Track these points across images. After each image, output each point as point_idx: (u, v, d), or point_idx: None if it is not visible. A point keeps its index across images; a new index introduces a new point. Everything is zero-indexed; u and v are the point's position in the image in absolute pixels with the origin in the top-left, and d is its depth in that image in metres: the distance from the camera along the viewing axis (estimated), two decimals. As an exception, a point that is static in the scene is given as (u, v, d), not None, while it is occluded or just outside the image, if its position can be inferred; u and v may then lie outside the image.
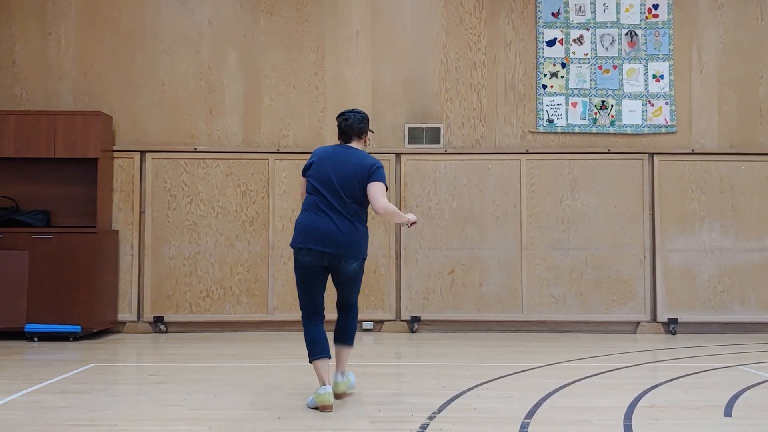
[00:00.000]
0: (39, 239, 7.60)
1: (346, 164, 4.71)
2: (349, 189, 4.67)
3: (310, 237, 4.63)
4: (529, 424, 4.26)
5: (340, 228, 4.62)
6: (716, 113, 8.49)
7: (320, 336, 4.71)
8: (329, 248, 4.60)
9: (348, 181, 4.67)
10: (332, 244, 4.61)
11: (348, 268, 4.70)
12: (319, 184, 4.70)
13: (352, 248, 4.65)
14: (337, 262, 4.66)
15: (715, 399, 4.90)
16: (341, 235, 4.62)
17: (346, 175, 4.67)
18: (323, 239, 4.61)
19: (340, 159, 4.74)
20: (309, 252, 4.63)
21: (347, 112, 4.91)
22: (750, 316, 8.25)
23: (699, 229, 8.34)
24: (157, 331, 8.16)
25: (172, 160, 8.31)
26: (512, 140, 8.49)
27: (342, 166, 4.70)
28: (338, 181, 4.66)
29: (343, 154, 4.78)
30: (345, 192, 4.66)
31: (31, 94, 8.34)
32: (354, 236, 4.66)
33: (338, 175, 4.68)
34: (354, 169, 4.68)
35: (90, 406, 4.66)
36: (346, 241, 4.63)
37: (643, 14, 8.51)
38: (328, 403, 4.53)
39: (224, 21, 8.48)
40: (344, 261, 4.66)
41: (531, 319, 8.27)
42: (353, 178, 4.67)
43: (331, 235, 4.61)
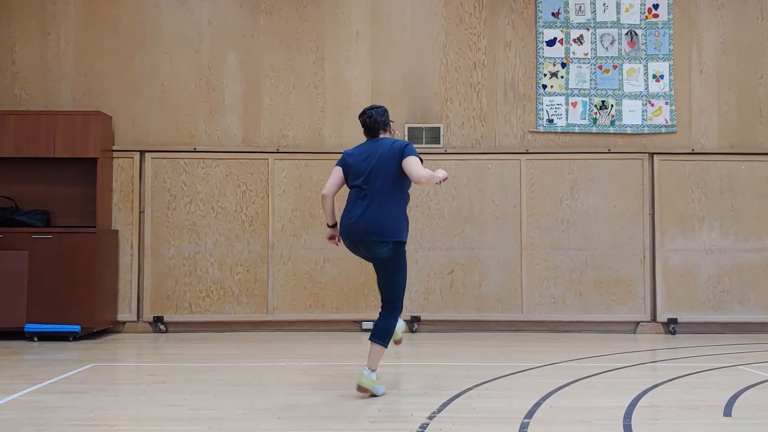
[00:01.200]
0: (39, 239, 7.60)
1: (379, 151, 4.94)
2: (386, 173, 4.86)
3: (346, 228, 4.92)
4: (528, 424, 4.26)
5: (368, 213, 4.82)
6: (716, 113, 8.49)
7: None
8: (358, 236, 4.84)
9: (384, 166, 4.87)
10: (361, 231, 4.82)
11: (379, 252, 4.84)
12: (356, 177, 4.95)
13: (379, 232, 4.79)
14: (369, 248, 4.86)
15: (715, 399, 4.90)
16: (368, 219, 4.81)
17: (381, 159, 4.89)
18: (357, 227, 4.84)
19: (374, 149, 4.98)
20: (347, 241, 4.95)
21: (368, 110, 5.14)
22: (750, 316, 8.25)
23: (699, 229, 8.34)
24: (156, 331, 8.16)
25: (171, 160, 8.31)
26: (512, 140, 8.49)
27: (375, 154, 4.93)
28: (374, 168, 4.88)
29: (375, 144, 5.02)
30: (383, 177, 4.86)
31: (30, 94, 8.34)
32: (381, 218, 4.80)
33: (374, 163, 4.90)
34: (388, 153, 4.90)
35: (90, 406, 4.66)
36: (373, 225, 4.80)
37: (643, 14, 8.51)
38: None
39: (224, 21, 8.48)
40: (372, 246, 4.83)
41: (531, 319, 8.27)
42: (388, 161, 4.87)
43: (360, 221, 4.83)
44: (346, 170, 5.05)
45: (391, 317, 4.95)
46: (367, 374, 4.89)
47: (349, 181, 5.03)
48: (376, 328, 4.95)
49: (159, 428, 4.20)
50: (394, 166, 4.87)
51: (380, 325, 4.95)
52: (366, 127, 5.13)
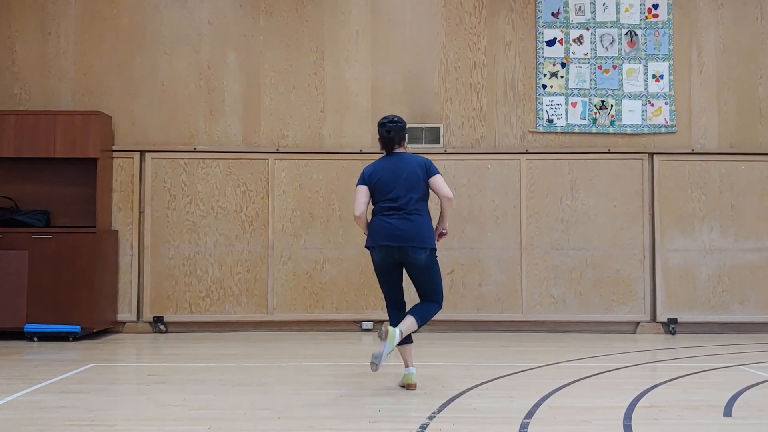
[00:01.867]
0: (38, 239, 7.60)
1: (406, 166, 5.19)
2: (416, 188, 5.15)
3: (381, 236, 5.12)
4: (528, 424, 4.25)
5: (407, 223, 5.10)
6: (716, 113, 8.49)
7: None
8: (395, 242, 5.08)
9: (415, 182, 5.15)
10: (400, 238, 5.08)
11: (418, 258, 5.10)
12: (384, 192, 5.17)
13: (421, 240, 5.09)
14: (408, 254, 5.10)
15: (715, 399, 4.90)
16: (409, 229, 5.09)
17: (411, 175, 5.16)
18: (395, 235, 5.09)
19: (399, 165, 5.20)
20: (380, 249, 5.13)
21: (388, 123, 5.28)
22: (749, 316, 8.25)
23: (699, 229, 8.34)
24: (156, 331, 8.16)
25: (171, 160, 8.30)
26: (512, 140, 8.49)
27: (403, 169, 5.18)
28: (405, 183, 5.14)
29: (399, 160, 5.24)
30: (414, 191, 5.15)
31: (30, 94, 8.34)
32: (420, 228, 5.11)
33: (403, 178, 5.15)
34: (416, 169, 5.18)
35: (89, 406, 4.66)
36: (414, 234, 5.09)
37: (643, 14, 8.51)
38: (411, 381, 5.13)
39: (224, 21, 8.48)
40: (412, 252, 5.09)
41: (530, 319, 8.28)
42: (418, 177, 5.16)
43: (401, 231, 5.08)
44: (371, 188, 5.24)
45: (436, 307, 5.28)
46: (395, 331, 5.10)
47: (377, 197, 5.23)
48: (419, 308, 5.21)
49: (159, 428, 4.20)
50: (423, 183, 5.19)
51: (423, 308, 5.23)
52: (385, 139, 5.28)
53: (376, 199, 5.24)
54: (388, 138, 5.26)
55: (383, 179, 5.18)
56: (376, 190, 5.21)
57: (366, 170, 5.31)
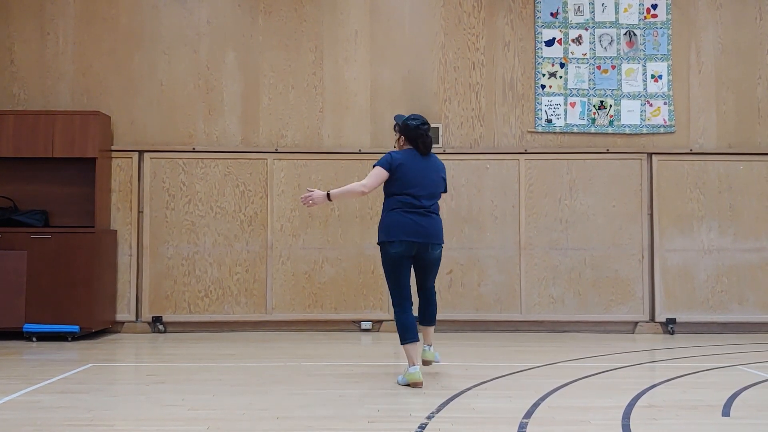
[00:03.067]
0: (37, 239, 7.60)
1: (432, 167, 5.44)
2: (439, 188, 5.45)
3: (404, 232, 5.26)
4: (527, 423, 4.26)
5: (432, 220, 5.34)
6: (714, 113, 8.49)
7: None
8: (419, 238, 5.26)
9: (438, 183, 5.44)
10: (426, 235, 5.28)
11: (434, 254, 5.39)
12: (410, 186, 5.31)
13: (440, 236, 5.39)
14: (428, 250, 5.34)
15: (714, 399, 4.90)
16: (434, 226, 5.33)
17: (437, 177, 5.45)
18: (420, 232, 5.27)
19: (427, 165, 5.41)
20: (400, 243, 5.25)
21: (422, 126, 5.42)
22: (748, 316, 8.26)
23: (697, 229, 8.34)
24: (155, 331, 8.16)
25: (170, 160, 8.30)
26: (511, 140, 8.49)
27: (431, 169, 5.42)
28: (432, 183, 5.38)
29: (428, 160, 5.45)
30: (437, 191, 5.43)
31: (29, 94, 8.33)
32: (440, 226, 5.41)
33: (431, 177, 5.39)
34: (441, 172, 5.51)
35: (88, 406, 4.66)
36: (437, 231, 5.36)
37: (642, 14, 8.52)
38: (419, 380, 5.20)
39: (223, 21, 8.48)
40: (432, 249, 5.35)
41: (529, 319, 8.28)
42: (440, 179, 5.48)
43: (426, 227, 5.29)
44: (394, 175, 5.33)
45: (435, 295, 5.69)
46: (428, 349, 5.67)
47: (396, 188, 5.33)
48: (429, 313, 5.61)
49: (158, 428, 4.20)
50: (442, 187, 5.52)
51: (433, 308, 5.63)
52: (416, 143, 5.41)
53: (394, 191, 5.33)
54: (429, 140, 5.43)
55: (411, 175, 5.31)
56: (399, 182, 5.30)
57: (394, 156, 5.37)
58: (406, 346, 5.31)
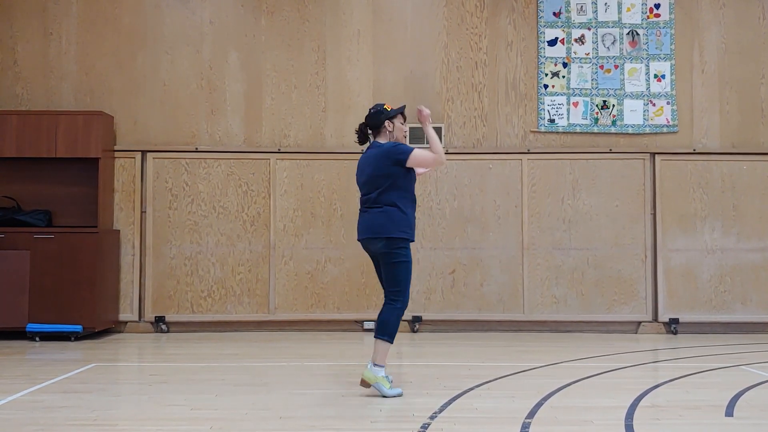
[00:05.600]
0: (40, 239, 7.61)
1: (368, 160, 5.13)
2: (375, 180, 5.04)
3: (358, 231, 5.16)
4: (530, 424, 4.25)
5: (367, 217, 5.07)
6: (718, 113, 8.48)
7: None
8: (360, 235, 5.12)
9: (373, 174, 5.05)
10: (361, 231, 5.11)
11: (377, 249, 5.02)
12: (358, 184, 5.23)
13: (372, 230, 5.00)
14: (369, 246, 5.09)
15: (717, 399, 4.89)
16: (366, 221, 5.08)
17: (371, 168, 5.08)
18: (359, 230, 5.14)
19: (368, 157, 5.17)
20: (360, 242, 5.17)
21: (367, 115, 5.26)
22: (751, 316, 8.24)
23: (700, 229, 8.33)
24: (158, 330, 8.17)
25: (173, 159, 8.31)
26: (513, 140, 8.48)
27: (366, 164, 5.14)
28: (366, 177, 5.10)
29: (369, 151, 5.19)
30: (372, 185, 5.05)
31: (32, 94, 8.34)
32: (378, 220, 4.99)
33: (364, 172, 5.12)
34: (375, 161, 5.06)
35: (91, 406, 4.67)
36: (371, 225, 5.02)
37: (645, 14, 8.51)
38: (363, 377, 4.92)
39: (225, 21, 8.48)
40: (371, 244, 5.05)
41: (532, 319, 8.27)
42: (377, 172, 5.03)
43: (361, 224, 5.12)
44: None
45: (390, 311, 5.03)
46: (367, 368, 4.97)
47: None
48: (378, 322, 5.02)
49: (160, 428, 4.20)
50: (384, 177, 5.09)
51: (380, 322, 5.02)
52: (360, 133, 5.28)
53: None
54: (362, 127, 5.22)
55: (358, 172, 5.23)
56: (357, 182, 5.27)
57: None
58: None
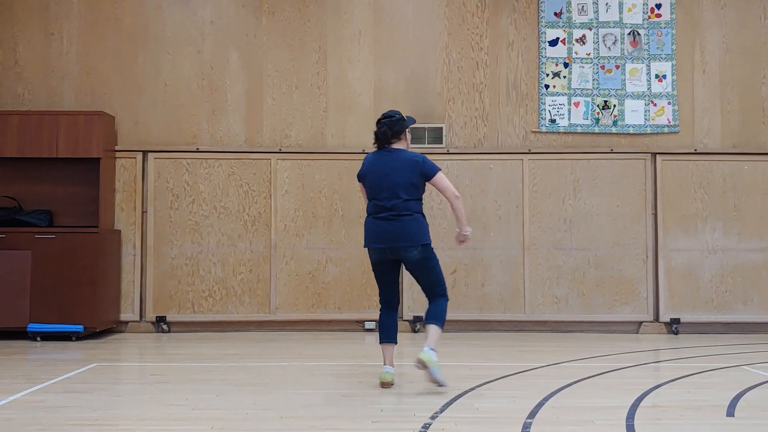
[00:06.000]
0: (41, 239, 7.61)
1: (392, 165, 5.12)
2: (404, 188, 5.10)
3: (373, 239, 5.16)
4: (531, 423, 4.25)
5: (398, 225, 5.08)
6: (719, 113, 8.48)
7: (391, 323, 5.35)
8: (386, 244, 5.10)
9: (400, 181, 5.09)
10: (390, 239, 5.09)
11: (412, 257, 5.11)
12: (374, 188, 5.16)
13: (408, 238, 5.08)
14: (400, 254, 5.13)
15: (718, 399, 4.89)
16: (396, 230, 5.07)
17: (397, 175, 5.10)
18: (384, 237, 5.11)
19: (388, 162, 5.15)
20: (373, 251, 5.19)
21: (382, 119, 5.26)
22: (753, 316, 8.24)
23: (702, 229, 8.33)
24: (159, 330, 8.17)
25: (174, 160, 8.31)
26: (514, 140, 8.48)
27: (388, 168, 5.12)
28: (391, 183, 5.09)
29: (389, 156, 5.19)
30: (399, 192, 5.09)
31: (33, 94, 8.35)
32: (413, 228, 5.10)
33: (389, 177, 5.10)
34: (403, 169, 5.11)
35: (92, 406, 4.67)
36: (407, 233, 5.08)
37: (646, 14, 8.51)
38: (386, 380, 5.15)
39: (226, 21, 8.48)
40: (404, 252, 5.11)
41: (533, 319, 8.27)
42: (405, 177, 5.10)
43: (389, 232, 5.09)
44: (365, 182, 5.34)
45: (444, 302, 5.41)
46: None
47: (369, 193, 5.29)
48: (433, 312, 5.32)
49: (161, 428, 4.20)
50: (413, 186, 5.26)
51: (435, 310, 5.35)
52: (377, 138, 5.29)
53: (368, 197, 5.26)
54: (379, 134, 5.24)
55: (373, 178, 5.18)
56: (368, 189, 5.24)
57: (363, 166, 5.30)
58: (381, 345, 5.33)
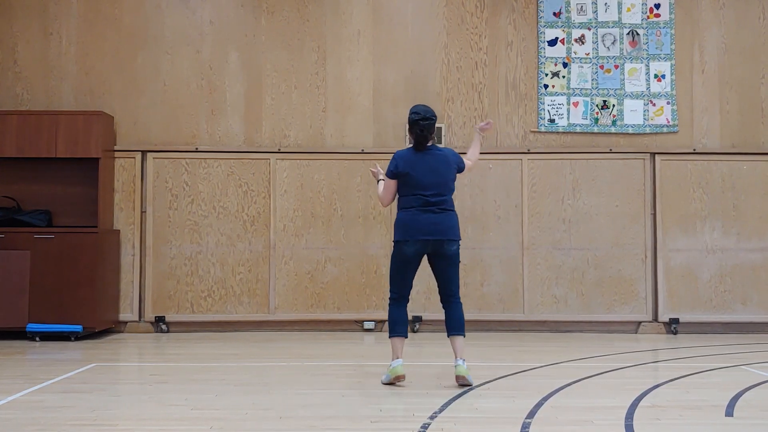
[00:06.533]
0: (40, 239, 7.61)
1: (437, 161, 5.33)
2: (448, 184, 5.36)
3: (418, 231, 5.23)
4: (530, 423, 4.25)
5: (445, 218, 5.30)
6: (718, 113, 8.48)
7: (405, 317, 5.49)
8: (434, 236, 5.23)
9: (447, 177, 5.35)
10: (437, 232, 5.24)
11: (450, 251, 5.32)
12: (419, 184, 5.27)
13: (453, 232, 5.32)
14: (441, 247, 5.29)
15: (717, 399, 4.89)
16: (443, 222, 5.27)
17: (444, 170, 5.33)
18: (431, 230, 5.23)
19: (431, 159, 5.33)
20: (415, 243, 5.25)
21: (422, 122, 5.30)
22: (752, 316, 8.24)
23: (701, 229, 8.33)
24: (158, 330, 8.17)
25: (173, 160, 8.31)
26: (513, 140, 8.49)
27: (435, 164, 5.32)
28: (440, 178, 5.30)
29: (429, 154, 5.35)
30: (445, 187, 5.33)
31: (32, 94, 8.34)
32: (455, 223, 5.38)
33: (436, 174, 5.29)
34: (446, 166, 5.36)
35: (91, 406, 4.67)
36: (452, 228, 5.31)
37: (645, 14, 8.51)
38: (401, 372, 5.17)
39: (225, 21, 8.48)
40: (447, 245, 5.29)
41: (532, 319, 8.27)
42: (449, 175, 5.37)
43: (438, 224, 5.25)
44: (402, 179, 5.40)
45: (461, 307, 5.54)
46: None
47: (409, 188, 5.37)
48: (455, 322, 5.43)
49: (161, 428, 4.20)
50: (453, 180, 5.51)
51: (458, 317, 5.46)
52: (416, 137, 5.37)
53: (406, 191, 5.32)
54: (419, 137, 5.32)
55: (417, 173, 5.27)
56: (409, 183, 5.29)
57: (398, 163, 5.32)
58: (392, 339, 5.34)
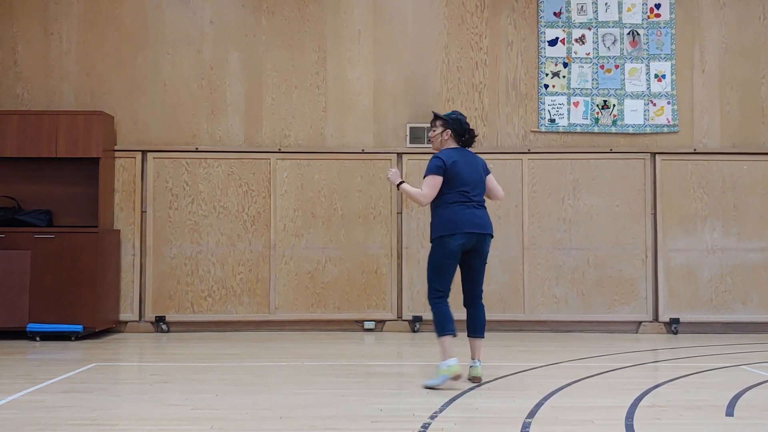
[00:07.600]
0: (41, 239, 7.61)
1: (477, 163, 5.58)
2: (482, 183, 5.57)
3: (466, 224, 5.37)
4: (530, 423, 4.25)
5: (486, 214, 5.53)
6: (718, 113, 8.48)
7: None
8: (480, 229, 5.41)
9: (482, 177, 5.56)
10: (481, 225, 5.43)
11: (487, 246, 5.54)
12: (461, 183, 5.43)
13: (491, 228, 5.54)
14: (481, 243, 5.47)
15: (717, 399, 4.89)
16: (484, 218, 5.48)
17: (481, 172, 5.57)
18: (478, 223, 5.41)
19: (471, 159, 5.57)
20: (462, 236, 5.36)
21: (465, 122, 5.58)
22: (752, 316, 8.24)
23: (701, 229, 8.33)
24: (158, 330, 8.17)
25: (173, 159, 8.31)
26: (514, 140, 8.49)
27: (475, 164, 5.56)
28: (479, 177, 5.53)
29: (468, 154, 5.60)
30: (481, 187, 5.54)
31: (33, 94, 8.34)
32: (490, 220, 5.59)
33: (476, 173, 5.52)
34: (480, 167, 5.59)
35: (92, 406, 4.67)
36: (490, 223, 5.53)
37: (645, 14, 8.51)
38: (460, 371, 5.23)
39: (226, 21, 8.48)
40: (486, 240, 5.51)
41: (533, 319, 8.27)
42: (482, 175, 5.58)
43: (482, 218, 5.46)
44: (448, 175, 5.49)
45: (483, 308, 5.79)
46: None
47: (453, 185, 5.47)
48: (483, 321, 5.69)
49: (161, 428, 4.21)
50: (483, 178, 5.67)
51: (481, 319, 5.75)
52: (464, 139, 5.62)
53: (451, 187, 5.42)
54: (468, 139, 5.59)
55: (463, 170, 5.42)
56: (455, 180, 5.41)
57: (446, 161, 5.43)
58: (443, 338, 5.37)
